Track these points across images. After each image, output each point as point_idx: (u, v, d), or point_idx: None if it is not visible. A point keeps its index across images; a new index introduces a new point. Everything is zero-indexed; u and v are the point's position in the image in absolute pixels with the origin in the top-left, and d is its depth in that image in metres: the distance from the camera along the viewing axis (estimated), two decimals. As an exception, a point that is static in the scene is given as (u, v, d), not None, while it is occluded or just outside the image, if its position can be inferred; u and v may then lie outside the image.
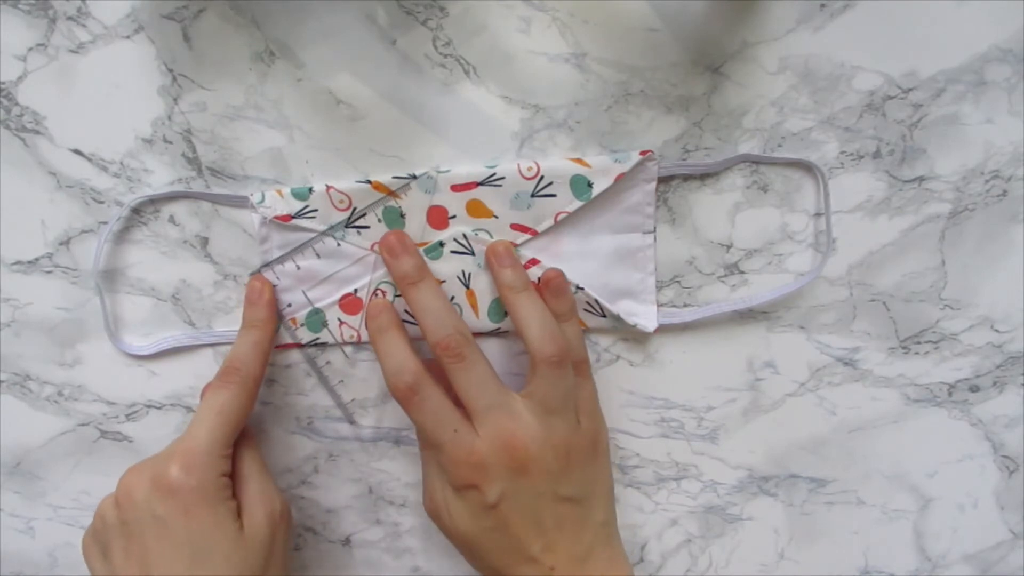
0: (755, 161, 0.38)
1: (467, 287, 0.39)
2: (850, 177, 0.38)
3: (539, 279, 0.38)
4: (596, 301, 0.38)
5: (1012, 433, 0.42)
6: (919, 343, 0.40)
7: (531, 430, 0.34)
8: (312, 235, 0.38)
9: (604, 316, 0.39)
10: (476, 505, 0.35)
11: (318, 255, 0.39)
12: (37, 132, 0.38)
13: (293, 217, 0.38)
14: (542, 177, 0.37)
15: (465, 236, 0.38)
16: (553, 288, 0.37)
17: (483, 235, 0.38)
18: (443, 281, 0.38)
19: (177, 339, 0.40)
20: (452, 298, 0.39)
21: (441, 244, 0.38)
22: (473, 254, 0.38)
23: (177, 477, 0.33)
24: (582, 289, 0.38)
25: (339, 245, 0.38)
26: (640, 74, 0.37)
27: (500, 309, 0.39)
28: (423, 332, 0.35)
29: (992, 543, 0.43)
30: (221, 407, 0.35)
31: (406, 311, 0.39)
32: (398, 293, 0.39)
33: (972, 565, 0.43)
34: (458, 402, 0.35)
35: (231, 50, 0.37)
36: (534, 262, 0.38)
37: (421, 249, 0.38)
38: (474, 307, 0.39)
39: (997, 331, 0.40)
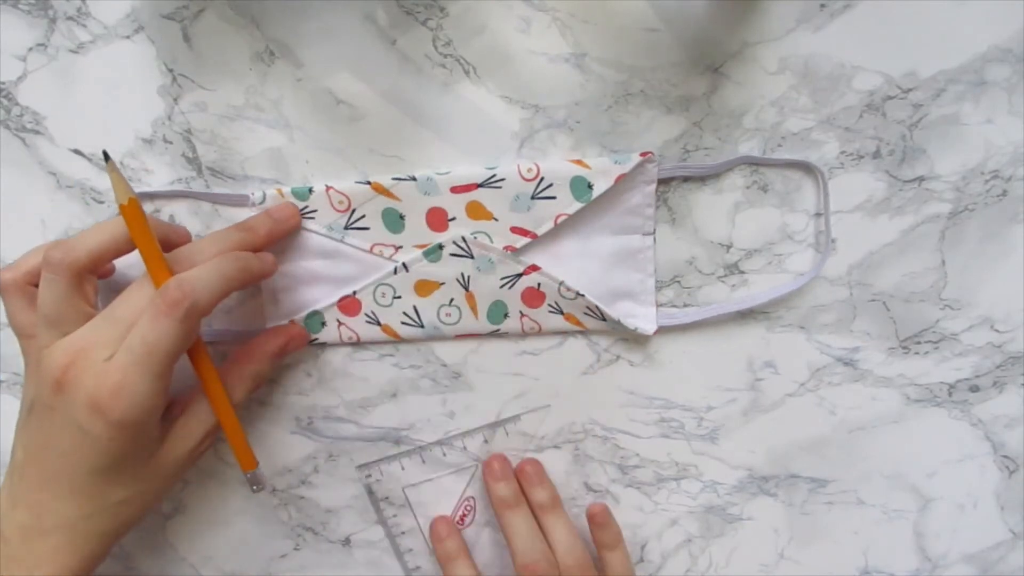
0: (755, 163, 0.38)
1: (466, 289, 0.39)
2: (850, 177, 0.38)
3: (586, 513, 0.41)
4: (596, 307, 0.38)
5: (1012, 433, 0.42)
6: (919, 343, 0.40)
7: None
8: (311, 235, 0.38)
9: (604, 320, 0.39)
10: None
11: (316, 256, 0.39)
12: (37, 132, 0.38)
13: None
14: (542, 179, 0.37)
15: (464, 239, 0.38)
16: (599, 522, 0.40)
17: (482, 238, 0.38)
18: (443, 283, 0.38)
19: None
20: (451, 300, 0.39)
21: (440, 247, 0.38)
22: (472, 257, 0.38)
23: (108, 410, 0.30)
24: (582, 296, 0.38)
25: (338, 246, 0.38)
26: (640, 74, 0.37)
27: (499, 311, 0.39)
28: (512, 552, 0.39)
29: (992, 543, 0.43)
30: (157, 343, 0.31)
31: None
32: (397, 295, 0.39)
33: (972, 565, 0.43)
34: None
35: (231, 50, 0.37)
36: (534, 268, 0.38)
37: (420, 252, 0.38)
38: (473, 309, 0.39)
39: (997, 331, 0.40)
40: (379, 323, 0.39)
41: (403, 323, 0.39)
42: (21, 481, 0.33)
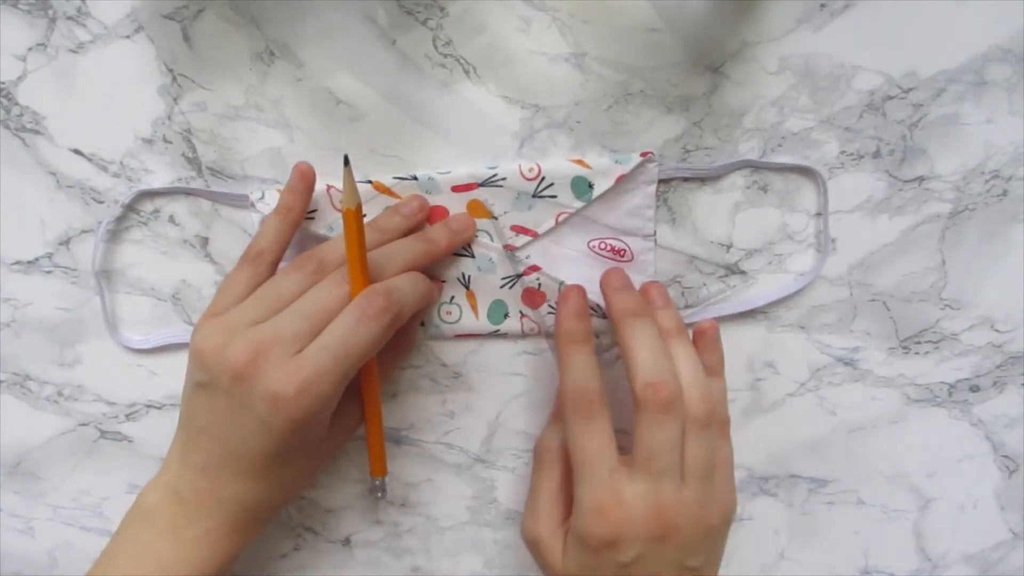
0: (755, 166, 0.38)
1: (467, 288, 0.39)
2: (850, 177, 0.38)
3: (693, 329, 0.37)
4: (597, 306, 0.38)
5: (1012, 433, 0.42)
6: (919, 343, 0.40)
7: (687, 505, 0.33)
8: (312, 236, 0.38)
9: (605, 318, 0.39)
10: (606, 561, 0.32)
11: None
12: (37, 132, 0.38)
13: None
14: (543, 178, 0.37)
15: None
16: (707, 339, 0.37)
17: (484, 238, 0.38)
18: (443, 281, 0.38)
19: (177, 335, 0.40)
20: (452, 298, 0.39)
21: None
22: (473, 256, 0.38)
23: (293, 407, 0.31)
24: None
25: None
26: (640, 74, 0.37)
27: (500, 311, 0.39)
28: (632, 367, 0.33)
29: (992, 543, 0.43)
30: (356, 345, 0.31)
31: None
32: None
33: (972, 565, 0.43)
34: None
35: (231, 50, 0.37)
36: (534, 268, 0.38)
37: None
38: (474, 308, 0.39)
39: (997, 331, 0.40)
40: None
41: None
42: (196, 449, 0.34)
